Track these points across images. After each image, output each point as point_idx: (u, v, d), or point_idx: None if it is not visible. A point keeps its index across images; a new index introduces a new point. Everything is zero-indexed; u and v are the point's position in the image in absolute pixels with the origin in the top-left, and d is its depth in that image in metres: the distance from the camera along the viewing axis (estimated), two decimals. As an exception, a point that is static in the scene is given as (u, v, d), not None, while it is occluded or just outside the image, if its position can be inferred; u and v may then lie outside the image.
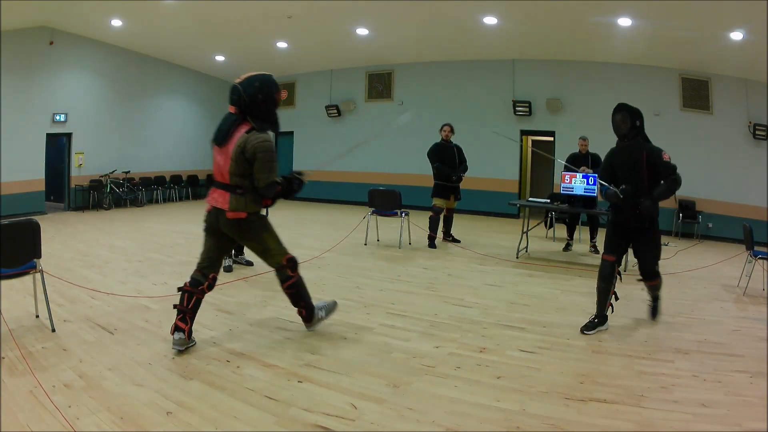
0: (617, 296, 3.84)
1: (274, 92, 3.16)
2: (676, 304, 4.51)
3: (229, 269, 5.18)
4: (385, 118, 12.09)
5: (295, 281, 3.34)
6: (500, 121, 10.60)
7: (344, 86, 12.63)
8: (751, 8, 6.46)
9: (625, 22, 7.81)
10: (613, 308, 3.81)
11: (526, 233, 6.61)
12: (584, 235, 7.40)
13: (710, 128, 9.24)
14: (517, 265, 6.08)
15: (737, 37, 7.42)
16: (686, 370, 3.06)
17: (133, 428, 2.25)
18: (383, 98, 12.25)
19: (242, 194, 3.11)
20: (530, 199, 8.46)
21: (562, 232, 7.86)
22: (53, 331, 3.39)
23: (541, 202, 6.92)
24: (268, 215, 3.47)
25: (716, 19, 7.10)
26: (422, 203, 8.50)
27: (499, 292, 4.84)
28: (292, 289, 3.36)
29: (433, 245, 6.90)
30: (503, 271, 5.75)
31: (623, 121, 3.62)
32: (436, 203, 6.98)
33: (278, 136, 3.20)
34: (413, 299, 4.48)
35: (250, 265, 5.49)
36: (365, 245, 6.92)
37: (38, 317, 3.63)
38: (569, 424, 2.40)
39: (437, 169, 6.92)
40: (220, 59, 12.37)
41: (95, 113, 10.83)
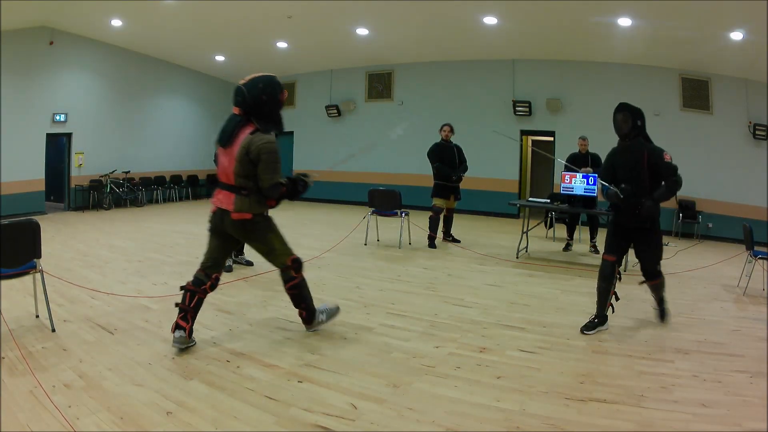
0: (618, 296, 3.84)
1: (278, 93, 3.17)
2: (676, 304, 4.50)
3: (229, 269, 5.17)
4: (385, 118, 12.11)
5: (298, 282, 3.36)
6: (500, 121, 10.60)
7: (344, 86, 12.63)
8: (751, 8, 6.46)
9: (625, 22, 7.81)
10: (613, 308, 3.81)
11: (526, 233, 6.61)
12: (584, 235, 7.39)
13: (710, 128, 9.24)
14: (517, 265, 6.08)
15: (737, 37, 7.42)
16: (686, 370, 3.06)
17: (133, 428, 2.25)
18: (383, 98, 12.25)
19: (247, 195, 3.12)
20: (530, 199, 8.46)
21: (562, 232, 7.86)
22: (53, 331, 3.39)
23: (541, 202, 6.92)
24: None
25: (716, 19, 7.10)
26: (422, 203, 8.50)
27: (499, 292, 4.84)
28: (294, 290, 3.38)
29: (433, 245, 6.90)
30: (503, 271, 5.76)
31: (624, 120, 3.62)
32: (436, 203, 6.98)
33: (278, 136, 3.21)
34: (413, 299, 4.48)
35: (250, 265, 5.49)
36: (365, 245, 6.92)
37: (38, 317, 3.63)
38: (569, 424, 2.40)
39: (437, 169, 6.92)
40: (220, 59, 12.38)
41: (95, 113, 10.84)
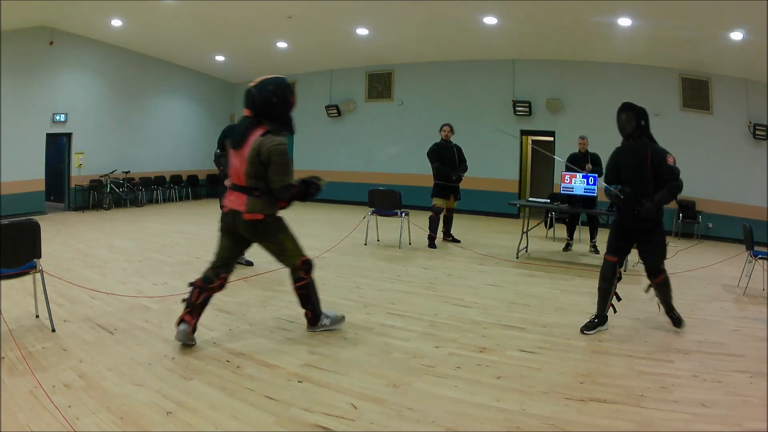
0: (619, 297, 3.84)
1: (287, 95, 3.20)
2: (676, 304, 4.45)
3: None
4: (385, 118, 12.12)
5: (306, 283, 3.39)
6: (500, 121, 10.58)
7: (344, 86, 12.62)
8: (751, 8, 6.46)
9: (625, 22, 7.81)
10: (615, 309, 3.81)
11: (526, 233, 6.61)
12: (584, 235, 7.39)
13: (710, 128, 9.23)
14: (517, 265, 6.08)
15: (737, 37, 7.42)
16: (686, 370, 3.06)
17: (133, 428, 2.25)
18: (383, 98, 12.24)
19: (258, 196, 3.16)
20: (530, 199, 8.47)
21: (562, 232, 7.85)
22: (53, 331, 3.39)
23: (541, 202, 6.92)
24: None
25: (716, 19, 7.10)
26: (422, 203, 8.50)
27: (499, 292, 4.84)
28: (302, 290, 3.41)
29: (433, 245, 6.90)
30: (503, 271, 5.75)
31: (628, 120, 3.61)
32: (435, 203, 6.98)
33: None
34: (413, 299, 4.48)
35: (250, 265, 5.49)
36: (365, 245, 6.92)
37: (38, 317, 3.63)
38: (569, 424, 2.40)
39: (437, 169, 6.92)
40: (220, 59, 12.37)
41: (95, 113, 10.83)
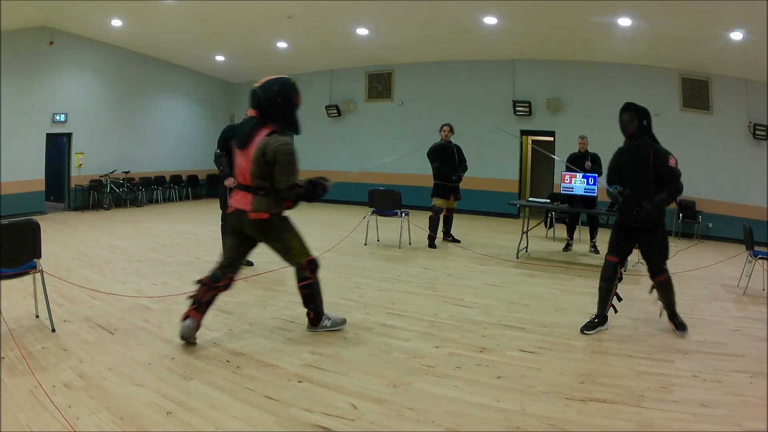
0: (620, 297, 3.84)
1: (292, 95, 3.20)
2: (676, 304, 4.50)
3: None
4: (385, 118, 12.11)
5: (311, 283, 3.40)
6: (500, 121, 10.57)
7: (344, 86, 12.62)
8: (751, 8, 6.46)
9: (625, 22, 7.80)
10: (616, 309, 3.81)
11: (526, 233, 6.60)
12: (584, 235, 7.39)
13: (710, 128, 9.23)
14: (517, 265, 6.08)
15: (737, 37, 7.42)
16: (686, 370, 3.06)
17: (133, 428, 2.25)
18: (383, 98, 12.24)
19: (264, 195, 3.17)
20: (530, 199, 8.47)
21: (562, 232, 7.85)
22: (53, 331, 3.39)
23: (541, 202, 6.92)
24: None
25: (716, 19, 7.10)
26: (422, 203, 8.50)
27: (499, 292, 4.84)
28: (306, 289, 3.42)
29: (433, 245, 6.90)
30: (503, 271, 5.75)
31: (630, 120, 3.60)
32: (435, 203, 6.97)
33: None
34: (413, 299, 4.48)
35: (249, 265, 5.48)
36: (365, 245, 6.92)
37: (38, 317, 3.63)
38: (569, 424, 2.40)
39: (437, 169, 6.92)
40: (220, 59, 12.37)
41: (95, 113, 10.83)
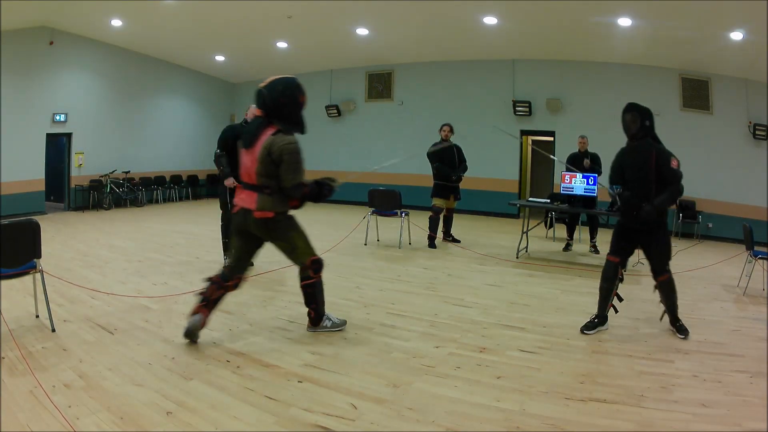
0: (621, 298, 3.83)
1: (297, 95, 3.21)
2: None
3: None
4: (385, 118, 12.11)
5: (314, 282, 3.41)
6: (500, 121, 10.57)
7: (344, 86, 12.62)
8: (751, 8, 6.46)
9: (625, 22, 7.80)
10: (616, 309, 3.81)
11: (526, 233, 6.60)
12: (584, 235, 7.39)
13: (710, 128, 9.23)
14: (517, 265, 6.08)
15: (737, 37, 7.42)
16: (686, 370, 3.06)
17: (133, 428, 2.25)
18: (383, 98, 12.24)
19: (269, 194, 3.17)
20: (530, 199, 8.47)
21: (562, 232, 7.85)
22: (53, 331, 3.39)
23: (541, 202, 6.92)
24: None
25: (716, 19, 7.10)
26: (422, 203, 8.50)
27: (499, 292, 4.84)
28: (309, 288, 3.43)
29: (433, 245, 6.90)
30: (503, 271, 5.75)
31: (633, 121, 3.60)
32: (435, 203, 6.97)
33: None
34: (413, 299, 4.48)
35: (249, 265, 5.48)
36: (365, 245, 6.92)
37: (38, 317, 3.63)
38: (569, 424, 2.40)
39: (437, 169, 6.92)
40: (220, 59, 12.37)
41: (95, 113, 10.83)
